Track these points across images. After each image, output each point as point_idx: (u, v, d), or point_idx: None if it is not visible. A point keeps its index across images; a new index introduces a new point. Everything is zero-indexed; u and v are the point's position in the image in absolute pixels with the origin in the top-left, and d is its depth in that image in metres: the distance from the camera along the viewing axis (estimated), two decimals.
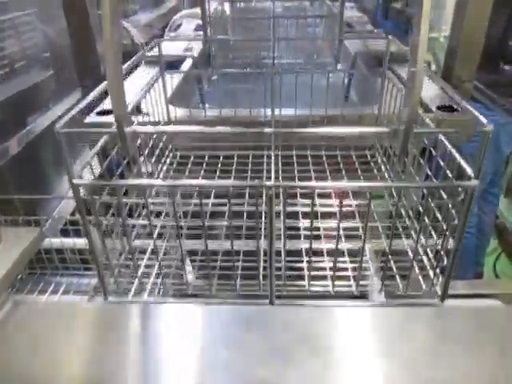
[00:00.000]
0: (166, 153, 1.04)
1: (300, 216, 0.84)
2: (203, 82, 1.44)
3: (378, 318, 0.55)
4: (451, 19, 1.31)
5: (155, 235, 0.76)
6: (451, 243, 0.63)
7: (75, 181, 0.59)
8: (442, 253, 0.64)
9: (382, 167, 0.98)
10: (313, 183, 0.66)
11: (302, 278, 0.73)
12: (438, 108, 0.99)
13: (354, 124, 1.00)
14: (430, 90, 1.10)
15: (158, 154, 0.98)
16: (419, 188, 0.75)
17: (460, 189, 0.58)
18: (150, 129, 0.82)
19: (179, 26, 1.97)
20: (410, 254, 0.70)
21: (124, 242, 0.68)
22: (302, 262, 0.76)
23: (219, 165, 1.03)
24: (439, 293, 0.65)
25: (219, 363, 0.49)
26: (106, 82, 0.67)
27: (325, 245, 0.80)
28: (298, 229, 0.83)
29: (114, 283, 0.69)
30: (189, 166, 1.03)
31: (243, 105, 1.45)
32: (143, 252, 0.77)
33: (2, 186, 1.14)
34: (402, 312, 0.57)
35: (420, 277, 0.69)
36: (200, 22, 1.93)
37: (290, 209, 0.83)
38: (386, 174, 0.96)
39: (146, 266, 0.76)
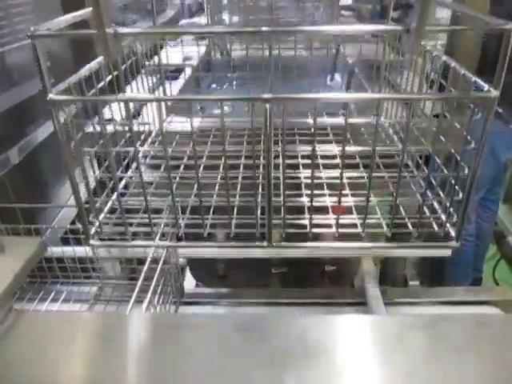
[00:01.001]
0: None
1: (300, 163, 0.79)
2: (202, 91, 1.45)
3: (376, 325, 0.56)
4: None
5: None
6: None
7: (52, 96, 0.51)
8: (457, 187, 0.59)
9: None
10: (314, 95, 0.61)
11: (302, 215, 0.67)
12: (435, 116, 0.99)
13: (353, 132, 1.00)
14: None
15: None
16: (434, 100, 0.66)
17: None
18: (134, 30, 0.77)
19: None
20: (420, 199, 0.64)
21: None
22: (302, 197, 0.70)
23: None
24: (453, 234, 0.60)
25: (218, 369, 0.50)
26: None
27: (324, 173, 0.74)
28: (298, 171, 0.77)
29: (97, 226, 0.63)
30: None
31: (243, 114, 1.46)
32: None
33: (2, 195, 1.15)
34: (401, 319, 0.58)
35: (432, 220, 0.63)
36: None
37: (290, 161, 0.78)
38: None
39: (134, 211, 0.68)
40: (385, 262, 1.22)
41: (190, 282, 1.44)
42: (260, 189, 0.71)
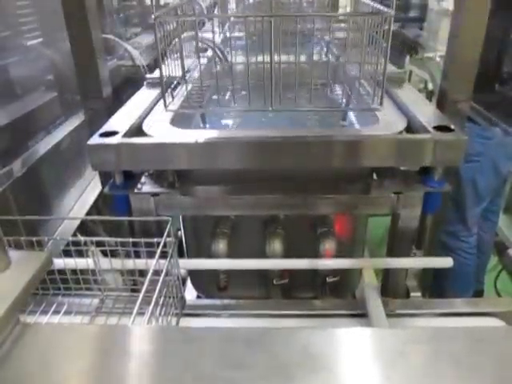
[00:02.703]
0: None
1: None
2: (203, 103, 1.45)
3: (378, 338, 0.55)
4: (446, 39, 1.34)
5: None
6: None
7: (156, 14, 0.88)
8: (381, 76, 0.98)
9: None
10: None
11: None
12: (435, 128, 1.00)
13: (354, 145, 1.01)
14: (427, 111, 1.12)
15: None
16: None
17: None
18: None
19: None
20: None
21: None
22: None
23: None
24: (378, 102, 1.02)
25: (220, 382, 0.49)
26: None
27: None
28: None
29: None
30: None
31: (244, 123, 1.47)
32: None
33: (5, 208, 1.15)
34: (402, 333, 0.57)
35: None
36: (200, 44, 1.96)
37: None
38: None
39: None
40: (386, 273, 1.22)
41: (191, 294, 1.44)
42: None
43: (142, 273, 1.03)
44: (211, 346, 0.53)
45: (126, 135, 1.04)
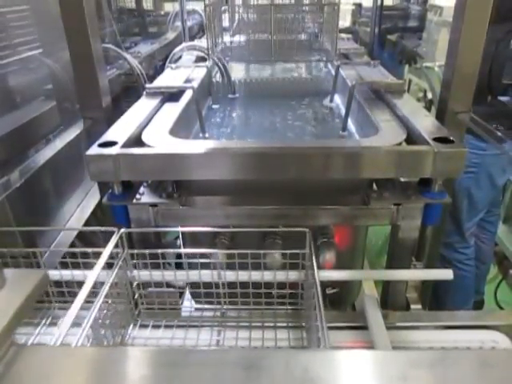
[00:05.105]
0: None
1: None
2: (203, 113, 1.45)
3: (380, 361, 0.54)
4: (445, 49, 1.34)
5: None
6: None
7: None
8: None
9: None
10: None
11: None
12: (435, 140, 1.00)
13: (353, 157, 1.00)
14: (426, 122, 1.12)
15: None
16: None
17: None
18: None
19: (180, 57, 2.00)
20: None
21: None
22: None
23: None
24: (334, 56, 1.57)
25: None
26: None
27: None
28: None
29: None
30: None
31: (243, 133, 1.46)
32: None
33: (3, 218, 1.14)
34: (405, 356, 0.55)
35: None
36: (200, 53, 1.97)
37: None
38: None
39: None
40: (386, 285, 1.21)
41: (189, 304, 1.42)
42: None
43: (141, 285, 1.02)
44: (209, 370, 0.52)
45: (125, 145, 1.03)
